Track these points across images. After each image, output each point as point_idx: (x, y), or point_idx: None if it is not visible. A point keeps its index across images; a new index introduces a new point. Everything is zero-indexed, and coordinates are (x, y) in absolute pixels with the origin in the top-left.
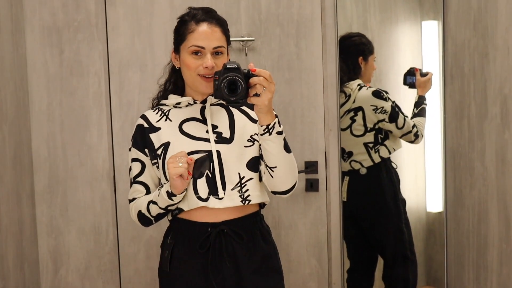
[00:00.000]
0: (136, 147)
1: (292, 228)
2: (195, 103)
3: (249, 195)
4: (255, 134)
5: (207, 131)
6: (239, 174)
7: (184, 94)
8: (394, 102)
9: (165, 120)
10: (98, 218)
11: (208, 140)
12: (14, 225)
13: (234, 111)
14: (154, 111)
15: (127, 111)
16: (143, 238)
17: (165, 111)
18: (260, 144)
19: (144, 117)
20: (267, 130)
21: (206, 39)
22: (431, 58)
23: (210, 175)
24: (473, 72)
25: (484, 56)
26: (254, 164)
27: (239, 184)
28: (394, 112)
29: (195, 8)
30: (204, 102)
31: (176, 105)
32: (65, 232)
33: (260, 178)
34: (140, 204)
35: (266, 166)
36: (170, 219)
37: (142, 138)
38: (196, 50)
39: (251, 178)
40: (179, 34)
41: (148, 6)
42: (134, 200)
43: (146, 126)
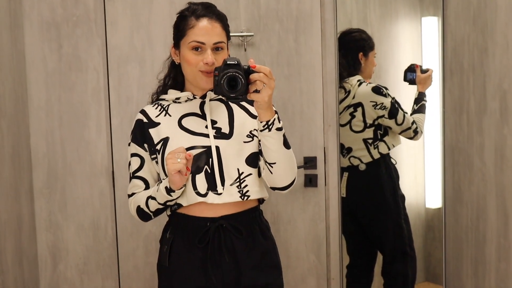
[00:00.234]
0: (135, 142)
1: (291, 223)
2: (195, 98)
3: (248, 191)
4: (255, 129)
5: (207, 127)
6: (238, 169)
7: (184, 89)
8: (393, 98)
9: (164, 115)
10: (97, 214)
11: (207, 136)
12: (13, 220)
13: (234, 106)
14: (154, 106)
15: (126, 107)
16: (142, 234)
17: (164, 106)
18: (259, 140)
19: (143, 112)
20: (266, 126)
21: (207, 34)
22: (431, 54)
23: (209, 171)
24: (472, 67)
25: (484, 51)
26: (253, 160)
27: (238, 179)
28: (394, 108)
29: (195, 3)
30: (203, 97)
31: (176, 100)
32: (64, 227)
33: (259, 173)
34: (139, 199)
35: (266, 162)
36: (169, 214)
37: (142, 133)
38: (196, 45)
39: (250, 174)
40: (179, 29)
41: (147, 1)
42: (133, 195)
43: (145, 121)
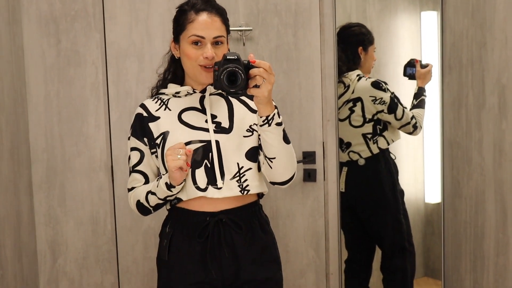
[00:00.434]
0: (135, 136)
1: (290, 218)
2: (195, 92)
3: (247, 185)
4: (254, 124)
5: (206, 121)
6: (238, 164)
7: (184, 84)
8: (393, 93)
9: (164, 109)
10: (96, 208)
11: (207, 130)
12: (12, 215)
13: (234, 101)
14: (153, 100)
15: (124, 102)
16: (141, 228)
17: (164, 100)
18: (259, 135)
19: (143, 106)
20: (266, 121)
21: (206, 28)
22: (431, 49)
23: (209, 165)
24: (471, 62)
25: (482, 46)
26: (253, 154)
27: (238, 174)
28: (393, 103)
29: None
30: (203, 91)
31: (176, 94)
32: (63, 222)
33: (259, 168)
34: (138, 193)
35: (265, 157)
36: (169, 208)
37: (141, 127)
38: (196, 40)
39: (250, 168)
40: (179, 23)
41: None
42: (133, 189)
43: (145, 115)
